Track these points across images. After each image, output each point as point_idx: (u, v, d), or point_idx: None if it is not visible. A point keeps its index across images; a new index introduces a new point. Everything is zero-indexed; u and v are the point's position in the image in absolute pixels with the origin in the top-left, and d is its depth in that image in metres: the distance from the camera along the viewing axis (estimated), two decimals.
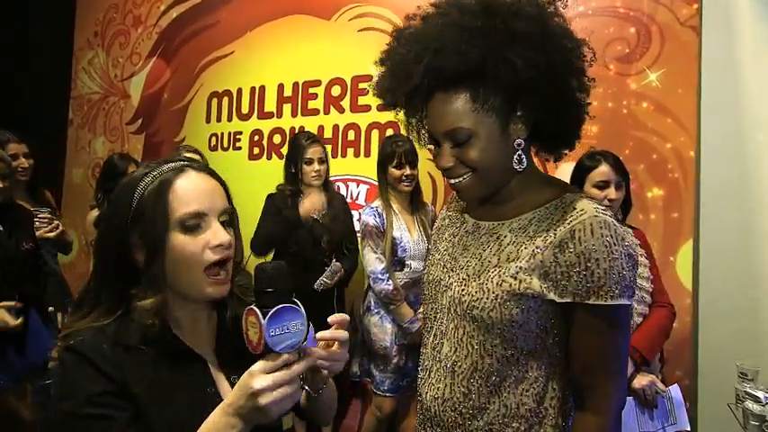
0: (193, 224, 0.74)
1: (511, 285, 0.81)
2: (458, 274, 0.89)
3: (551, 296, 0.79)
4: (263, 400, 0.63)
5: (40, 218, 2.25)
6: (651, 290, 1.62)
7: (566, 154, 0.92)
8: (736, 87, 2.04)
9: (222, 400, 0.70)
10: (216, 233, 0.75)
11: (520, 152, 0.83)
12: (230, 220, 0.80)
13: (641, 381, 1.47)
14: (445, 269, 0.93)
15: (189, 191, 0.75)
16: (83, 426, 0.68)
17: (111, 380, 0.69)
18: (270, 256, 2.22)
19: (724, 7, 2.06)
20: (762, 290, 1.98)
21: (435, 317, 0.94)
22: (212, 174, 0.81)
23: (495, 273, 0.83)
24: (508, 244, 0.84)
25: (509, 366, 0.83)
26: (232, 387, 0.69)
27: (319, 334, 0.74)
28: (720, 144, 2.05)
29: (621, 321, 0.81)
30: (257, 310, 0.65)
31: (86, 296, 0.78)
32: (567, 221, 0.79)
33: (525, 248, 0.82)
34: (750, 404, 1.64)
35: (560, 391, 0.84)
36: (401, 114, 0.94)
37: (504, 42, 0.76)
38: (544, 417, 0.84)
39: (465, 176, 0.84)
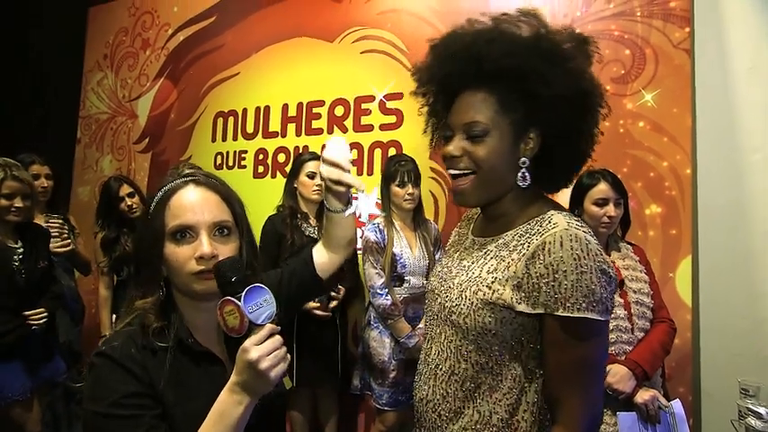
0: (180, 236, 0.81)
1: (485, 294, 0.85)
2: (448, 283, 0.95)
3: (521, 308, 0.81)
4: (262, 365, 0.70)
5: (51, 224, 2.27)
6: (652, 305, 1.64)
7: (555, 189, 0.97)
8: (729, 108, 2.09)
9: None
10: (199, 245, 0.80)
11: (524, 170, 0.88)
12: (231, 230, 0.85)
13: (644, 395, 1.48)
14: (441, 280, 0.98)
15: (179, 205, 0.82)
16: (113, 425, 0.73)
17: (140, 381, 0.76)
18: None
19: (715, 31, 2.13)
20: (762, 306, 2.00)
21: (430, 323, 1.00)
22: (213, 187, 0.87)
23: (475, 282, 0.87)
24: (491, 258, 0.89)
25: (483, 373, 0.86)
26: None
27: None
28: (716, 163, 2.09)
29: (590, 336, 0.79)
30: (231, 298, 0.72)
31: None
32: (541, 234, 0.82)
33: (503, 261, 0.86)
34: (752, 420, 1.65)
35: (534, 406, 0.85)
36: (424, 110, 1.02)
37: (547, 60, 0.83)
38: (516, 429, 0.85)
39: (467, 171, 0.88)
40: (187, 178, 0.86)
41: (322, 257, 1.03)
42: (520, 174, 0.88)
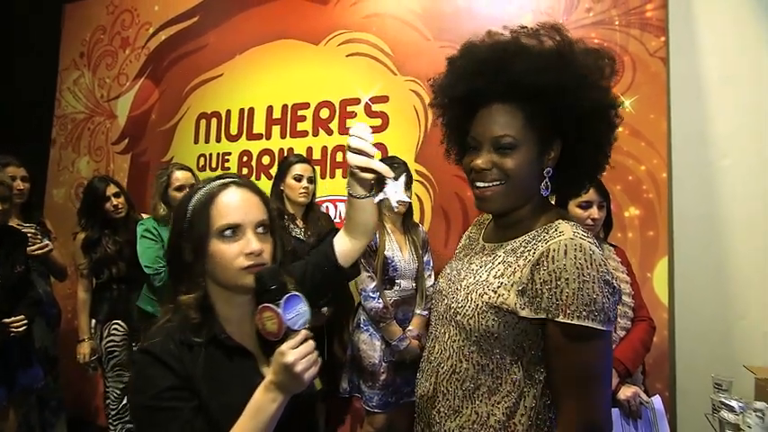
0: (229, 234, 0.86)
1: (490, 297, 0.87)
2: (455, 285, 0.97)
3: (524, 313, 0.83)
4: (297, 368, 0.77)
5: (23, 232, 2.21)
6: (633, 305, 1.70)
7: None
8: (702, 114, 2.18)
9: None
10: (248, 242, 0.86)
11: (547, 180, 0.91)
12: (268, 228, 0.92)
13: (626, 392, 1.53)
14: (449, 282, 1.01)
15: (226, 205, 0.88)
16: (155, 416, 0.79)
17: (178, 375, 0.81)
18: None
19: (689, 41, 2.22)
20: (735, 305, 2.09)
21: (435, 323, 1.02)
22: (253, 188, 0.94)
23: (482, 286, 0.90)
24: (499, 263, 0.91)
25: (483, 375, 0.88)
26: None
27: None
28: (690, 167, 2.18)
29: (590, 344, 0.80)
30: (271, 305, 0.80)
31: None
32: (546, 242, 0.84)
33: (510, 267, 0.88)
34: (725, 414, 1.72)
35: (532, 411, 0.86)
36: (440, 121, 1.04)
37: (579, 76, 0.86)
38: None
39: (495, 183, 0.90)
40: (227, 180, 0.92)
41: (344, 246, 1.05)
42: (544, 183, 0.91)
